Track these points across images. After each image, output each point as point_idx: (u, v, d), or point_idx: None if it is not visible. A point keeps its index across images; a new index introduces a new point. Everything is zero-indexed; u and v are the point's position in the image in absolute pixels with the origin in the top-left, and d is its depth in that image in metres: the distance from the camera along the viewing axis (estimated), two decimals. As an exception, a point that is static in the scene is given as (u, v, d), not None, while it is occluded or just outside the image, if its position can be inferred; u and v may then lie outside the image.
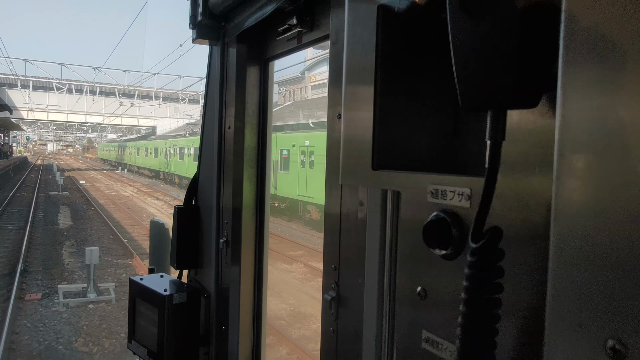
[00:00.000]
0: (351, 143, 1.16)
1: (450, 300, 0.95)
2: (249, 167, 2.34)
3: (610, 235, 0.58)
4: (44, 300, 12.18)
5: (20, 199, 32.36)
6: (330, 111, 1.55)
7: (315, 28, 1.82)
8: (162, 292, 2.33)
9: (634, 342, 0.56)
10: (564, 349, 0.63)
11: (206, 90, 2.54)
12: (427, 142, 1.13)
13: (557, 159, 0.64)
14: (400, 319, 1.10)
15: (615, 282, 0.58)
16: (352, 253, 1.49)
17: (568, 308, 0.63)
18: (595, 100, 0.60)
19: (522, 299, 0.81)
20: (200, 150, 2.65)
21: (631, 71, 0.57)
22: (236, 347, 2.34)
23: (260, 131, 2.37)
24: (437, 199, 0.96)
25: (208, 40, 2.38)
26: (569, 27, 0.63)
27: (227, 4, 2.16)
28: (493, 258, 0.79)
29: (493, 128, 0.76)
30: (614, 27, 0.58)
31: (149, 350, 2.40)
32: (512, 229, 0.81)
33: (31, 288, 13.14)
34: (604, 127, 0.59)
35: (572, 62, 0.62)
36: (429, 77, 1.11)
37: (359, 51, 1.12)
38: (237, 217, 2.33)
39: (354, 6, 1.14)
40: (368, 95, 1.09)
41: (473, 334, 0.80)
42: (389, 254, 1.24)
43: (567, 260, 0.63)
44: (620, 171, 0.57)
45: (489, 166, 0.77)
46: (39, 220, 23.82)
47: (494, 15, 0.71)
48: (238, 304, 2.33)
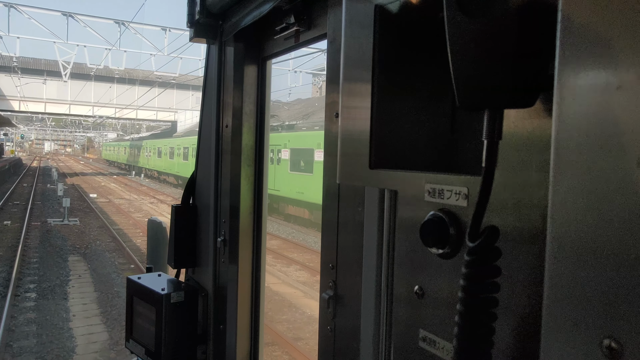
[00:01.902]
0: (348, 142, 1.16)
1: (447, 299, 0.96)
2: (246, 166, 2.34)
3: (606, 235, 0.59)
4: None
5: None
6: (328, 110, 1.55)
7: (313, 27, 1.81)
8: (160, 291, 2.32)
9: (630, 340, 0.56)
10: (560, 348, 0.64)
11: (204, 89, 2.54)
12: (425, 141, 1.13)
13: (553, 158, 0.65)
14: (398, 317, 1.10)
15: (611, 281, 0.58)
16: (349, 252, 1.49)
17: (564, 307, 0.63)
18: (592, 99, 0.60)
19: (519, 298, 0.82)
20: (198, 149, 2.62)
21: (627, 71, 0.57)
22: (234, 345, 2.34)
23: (257, 130, 2.36)
24: (435, 198, 0.97)
25: (205, 39, 2.37)
26: (565, 27, 0.63)
27: (224, 3, 2.17)
28: (490, 257, 0.79)
29: (490, 127, 0.77)
30: (610, 27, 0.58)
31: (147, 349, 2.40)
32: (509, 228, 0.82)
33: None
34: (600, 127, 0.59)
35: (569, 62, 0.62)
36: (426, 76, 1.11)
37: (356, 50, 1.13)
38: (234, 216, 2.33)
39: (351, 5, 1.15)
40: (365, 94, 1.10)
41: (470, 333, 0.80)
42: (386, 253, 1.21)
43: (563, 260, 0.63)
44: (616, 171, 0.58)
45: (485, 165, 0.77)
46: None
47: (490, 14, 0.71)
48: (236, 303, 2.33)
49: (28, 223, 21.84)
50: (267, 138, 2.36)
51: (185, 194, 2.64)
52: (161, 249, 6.22)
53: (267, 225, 2.46)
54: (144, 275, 2.57)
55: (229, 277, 2.33)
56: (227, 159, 2.33)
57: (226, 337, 2.37)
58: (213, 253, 2.39)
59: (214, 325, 2.42)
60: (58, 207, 28.49)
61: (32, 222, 22.59)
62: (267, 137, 2.37)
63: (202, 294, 2.46)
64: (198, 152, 2.60)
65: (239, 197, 2.31)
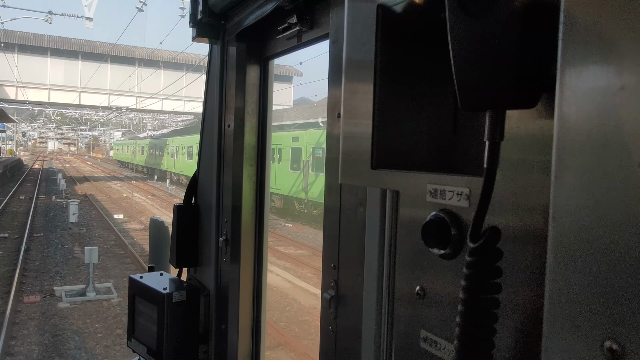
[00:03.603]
0: (350, 142, 1.16)
1: (448, 299, 0.96)
2: (248, 166, 2.33)
3: (609, 236, 0.59)
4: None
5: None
6: (330, 110, 1.54)
7: (315, 27, 1.80)
8: (162, 290, 2.30)
9: (631, 342, 0.56)
10: (561, 349, 0.64)
11: (206, 89, 2.53)
12: (427, 142, 1.13)
13: (555, 159, 0.65)
14: (399, 318, 1.10)
15: (612, 282, 0.58)
16: (351, 252, 1.48)
17: (565, 308, 0.63)
18: (594, 100, 0.60)
19: (520, 299, 0.82)
20: (200, 149, 2.62)
21: (630, 72, 0.57)
22: (235, 345, 2.33)
23: (259, 130, 2.36)
24: (436, 198, 0.97)
25: (208, 38, 2.37)
26: (567, 27, 0.63)
27: (227, 3, 2.16)
28: (491, 258, 0.79)
29: (492, 128, 0.77)
30: (613, 27, 0.58)
31: (149, 348, 2.38)
32: (511, 229, 0.82)
33: None
34: (602, 128, 0.59)
35: (571, 63, 0.62)
36: (428, 76, 1.11)
37: (358, 50, 1.13)
38: (236, 215, 2.32)
39: (354, 5, 1.14)
40: (367, 95, 1.10)
41: (471, 334, 0.80)
42: (388, 254, 1.21)
43: (564, 261, 0.63)
44: (618, 172, 0.58)
45: (487, 166, 0.77)
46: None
47: (492, 14, 0.71)
48: (237, 303, 2.33)
49: (16, 301, 10.77)
50: (269, 138, 2.36)
51: (188, 193, 2.62)
52: (163, 248, 6.00)
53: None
54: (145, 275, 2.53)
55: (230, 277, 2.33)
56: (229, 159, 2.33)
57: (228, 336, 2.36)
58: (215, 252, 2.39)
59: (215, 324, 2.41)
60: (71, 247, 17.30)
61: (24, 297, 11.50)
62: (269, 137, 2.37)
63: (204, 294, 2.45)
64: (200, 151, 2.60)
65: (240, 197, 2.31)
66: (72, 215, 19.48)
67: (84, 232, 19.94)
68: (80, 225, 20.61)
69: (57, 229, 20.27)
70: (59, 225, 21.35)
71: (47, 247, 17.03)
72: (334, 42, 1.53)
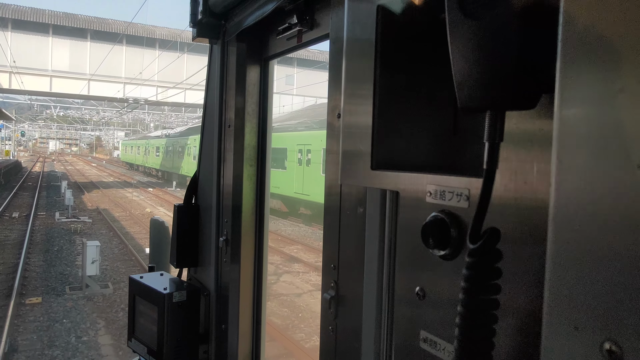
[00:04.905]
0: (350, 142, 1.17)
1: (448, 300, 0.96)
2: (248, 166, 2.34)
3: (608, 238, 0.59)
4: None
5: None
6: (330, 110, 1.54)
7: (315, 27, 1.81)
8: (162, 291, 2.30)
9: (630, 344, 0.57)
10: (560, 351, 0.64)
11: (206, 89, 2.54)
12: (426, 143, 1.13)
13: (555, 160, 0.65)
14: (399, 318, 1.10)
15: (612, 284, 0.58)
16: (351, 252, 1.48)
17: (565, 310, 0.63)
18: (594, 102, 0.60)
19: (520, 300, 0.82)
20: (201, 149, 2.63)
21: (629, 72, 0.57)
22: (236, 345, 2.33)
23: (260, 130, 2.37)
24: (436, 199, 0.97)
25: (208, 38, 2.38)
26: (567, 28, 0.63)
27: (227, 3, 2.17)
28: (491, 259, 0.79)
29: (491, 129, 0.77)
30: (612, 28, 0.59)
31: (149, 348, 2.38)
32: (510, 230, 0.82)
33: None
34: (602, 129, 0.59)
35: (571, 63, 0.63)
36: (428, 77, 1.11)
37: (358, 51, 1.13)
38: (236, 215, 2.33)
39: (354, 6, 1.15)
40: (367, 95, 1.10)
41: (471, 335, 0.80)
42: (387, 254, 1.21)
43: (564, 262, 0.64)
44: (617, 173, 0.58)
45: (487, 167, 0.77)
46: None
47: (492, 15, 0.72)
48: (238, 303, 2.33)
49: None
50: (269, 138, 2.37)
51: (188, 193, 2.62)
52: (163, 248, 5.61)
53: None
54: (146, 275, 2.53)
55: (231, 277, 2.33)
56: (230, 159, 2.33)
57: (228, 337, 2.36)
58: (215, 253, 2.39)
59: (215, 324, 2.41)
60: (94, 336, 9.61)
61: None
62: (270, 137, 2.37)
63: (204, 294, 2.45)
64: (200, 151, 2.61)
65: (241, 197, 2.31)
66: (91, 264, 11.59)
67: (110, 292, 12.10)
68: (103, 280, 12.75)
69: (66, 287, 12.34)
70: (68, 274, 13.45)
71: (48, 346, 9.05)
72: (334, 42, 1.53)
